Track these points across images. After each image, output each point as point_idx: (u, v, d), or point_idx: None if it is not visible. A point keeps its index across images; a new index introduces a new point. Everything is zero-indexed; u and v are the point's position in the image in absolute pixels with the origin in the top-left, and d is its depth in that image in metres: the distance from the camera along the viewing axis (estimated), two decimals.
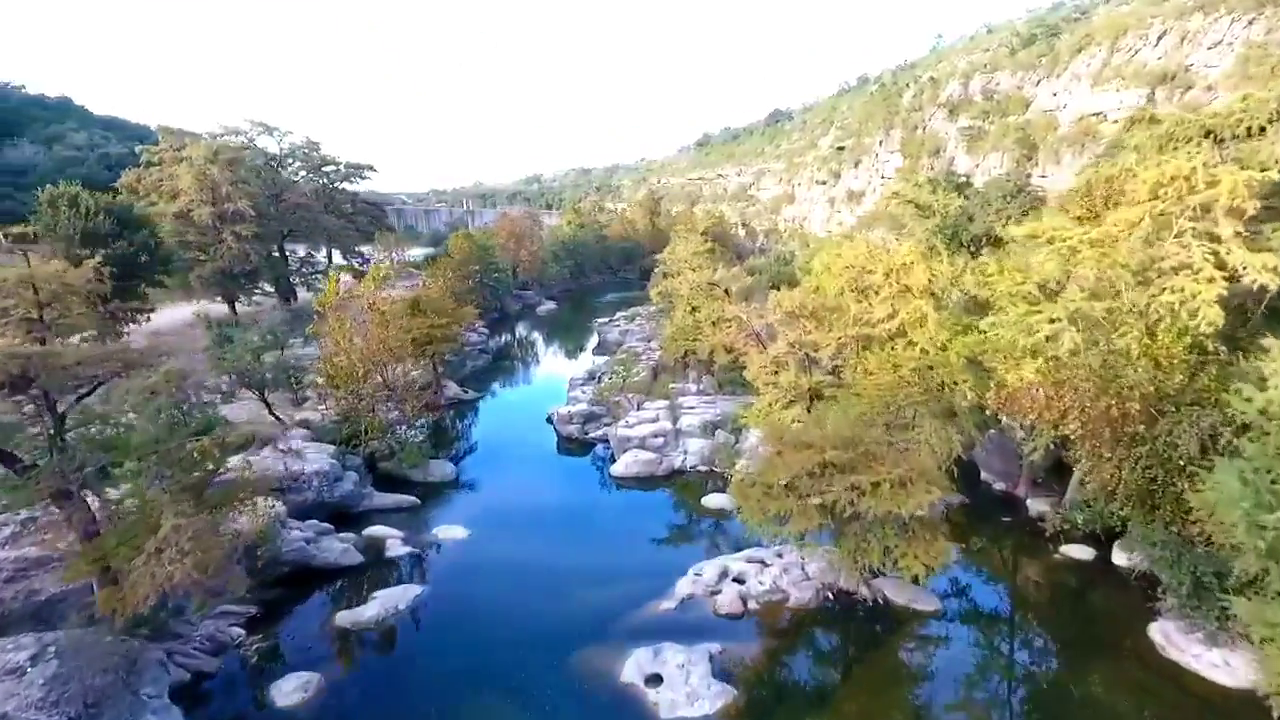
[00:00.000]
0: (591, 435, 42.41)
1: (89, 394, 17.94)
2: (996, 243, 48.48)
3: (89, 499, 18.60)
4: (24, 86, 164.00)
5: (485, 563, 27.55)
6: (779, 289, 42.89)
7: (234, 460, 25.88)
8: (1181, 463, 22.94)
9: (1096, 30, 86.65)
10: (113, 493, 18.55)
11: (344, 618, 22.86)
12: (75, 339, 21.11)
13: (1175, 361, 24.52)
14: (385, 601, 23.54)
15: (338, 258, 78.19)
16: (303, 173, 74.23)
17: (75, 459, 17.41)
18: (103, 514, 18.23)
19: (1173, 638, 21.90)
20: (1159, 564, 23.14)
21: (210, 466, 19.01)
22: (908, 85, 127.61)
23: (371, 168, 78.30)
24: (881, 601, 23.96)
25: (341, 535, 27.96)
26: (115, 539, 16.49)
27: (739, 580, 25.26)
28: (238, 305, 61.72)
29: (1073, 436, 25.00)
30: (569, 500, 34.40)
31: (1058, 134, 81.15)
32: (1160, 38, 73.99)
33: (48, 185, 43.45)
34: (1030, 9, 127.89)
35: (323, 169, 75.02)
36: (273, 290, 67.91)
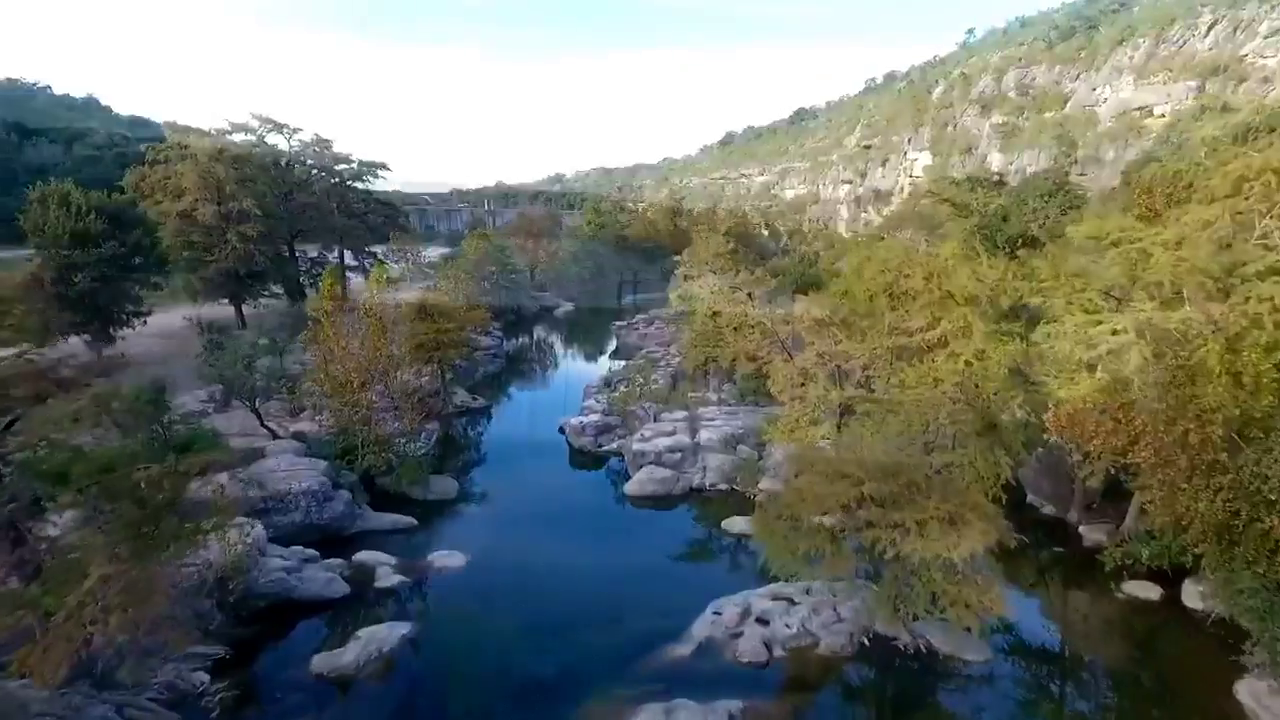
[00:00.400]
0: (605, 448, 39.85)
1: (17, 420, 15.66)
2: (1033, 244, 45.52)
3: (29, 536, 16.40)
4: (50, 87, 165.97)
5: (482, 595, 25.00)
6: (805, 292, 40.24)
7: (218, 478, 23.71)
8: (1272, 497, 20.01)
9: (1139, 21, 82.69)
10: (53, 530, 16.32)
11: (320, 662, 20.43)
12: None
13: (1262, 380, 21.53)
14: (368, 643, 21.06)
15: (350, 259, 76.24)
16: (314, 171, 72.27)
17: (5, 490, 15.21)
18: (42, 555, 15.99)
19: (1264, 701, 19.11)
20: (1246, 614, 20.22)
21: (162, 498, 16.64)
22: (937, 82, 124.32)
23: (385, 166, 76.12)
24: (924, 649, 21.18)
25: (327, 562, 25.52)
26: (41, 587, 14.23)
27: (762, 621, 22.57)
28: (245, 307, 59.84)
29: (1143, 465, 22.08)
30: (578, 522, 31.89)
31: (1098, 130, 77.49)
32: (1210, 27, 70.06)
33: (38, 183, 41.88)
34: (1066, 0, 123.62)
35: (335, 167, 73.05)
36: (281, 292, 66.08)
